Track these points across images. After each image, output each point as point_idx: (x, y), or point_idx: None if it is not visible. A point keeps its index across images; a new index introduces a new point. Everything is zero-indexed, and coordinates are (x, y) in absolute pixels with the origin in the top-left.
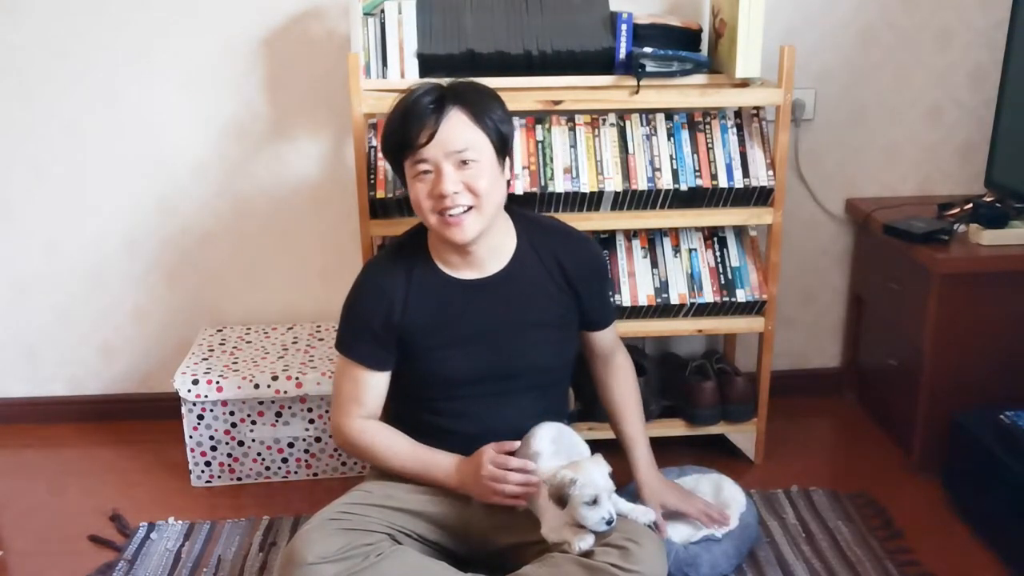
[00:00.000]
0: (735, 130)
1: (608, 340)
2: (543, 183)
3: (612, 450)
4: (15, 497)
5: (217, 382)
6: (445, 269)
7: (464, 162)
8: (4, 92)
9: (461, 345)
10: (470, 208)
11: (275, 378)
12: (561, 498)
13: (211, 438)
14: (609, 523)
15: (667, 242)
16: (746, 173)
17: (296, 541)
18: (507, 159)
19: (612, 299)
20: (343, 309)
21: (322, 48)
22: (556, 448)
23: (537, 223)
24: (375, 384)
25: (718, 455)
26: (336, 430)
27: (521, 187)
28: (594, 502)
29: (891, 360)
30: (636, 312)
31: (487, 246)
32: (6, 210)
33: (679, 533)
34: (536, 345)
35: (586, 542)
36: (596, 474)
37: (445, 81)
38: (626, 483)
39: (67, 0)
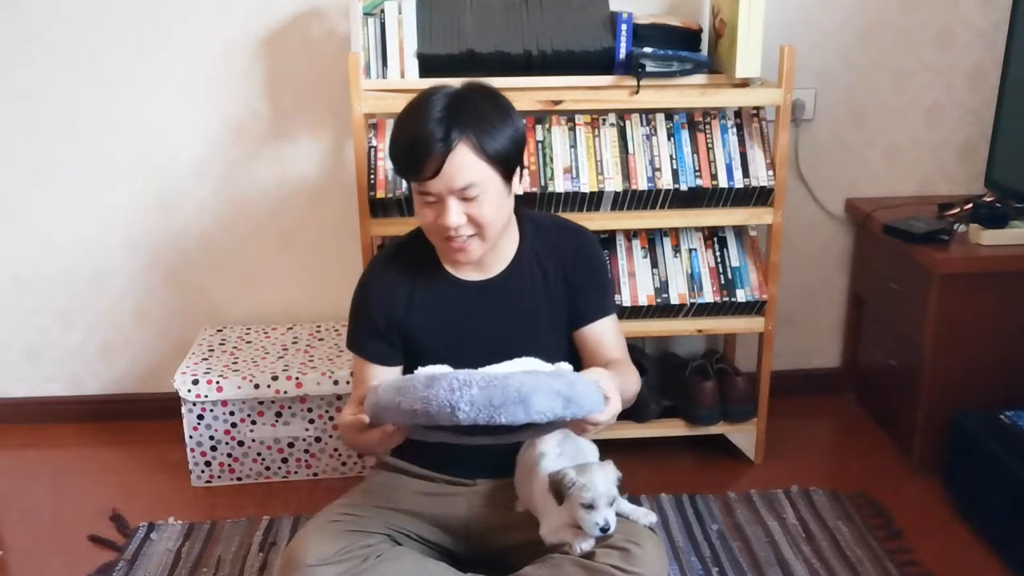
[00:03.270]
0: (735, 130)
1: (609, 339)
2: (543, 183)
3: (615, 451)
4: (15, 497)
5: (217, 382)
6: (450, 269)
7: (468, 196)
8: (4, 92)
9: (463, 346)
10: (474, 235)
11: (275, 378)
12: (559, 493)
13: (211, 438)
14: (604, 530)
15: (667, 242)
16: (746, 173)
17: (295, 543)
18: (519, 170)
19: (612, 296)
20: (350, 307)
21: (322, 48)
22: (561, 450)
23: (534, 221)
24: (382, 379)
25: (718, 455)
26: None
27: (521, 187)
28: (590, 506)
29: (891, 360)
30: (636, 312)
31: (493, 251)
32: (6, 210)
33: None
34: (538, 346)
35: (587, 543)
36: (599, 480)
37: (458, 82)
38: (631, 488)
39: (67, 0)
